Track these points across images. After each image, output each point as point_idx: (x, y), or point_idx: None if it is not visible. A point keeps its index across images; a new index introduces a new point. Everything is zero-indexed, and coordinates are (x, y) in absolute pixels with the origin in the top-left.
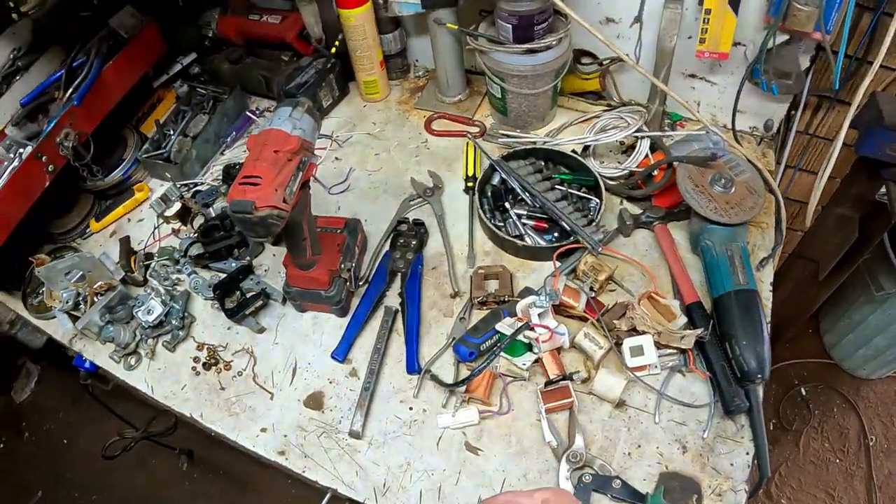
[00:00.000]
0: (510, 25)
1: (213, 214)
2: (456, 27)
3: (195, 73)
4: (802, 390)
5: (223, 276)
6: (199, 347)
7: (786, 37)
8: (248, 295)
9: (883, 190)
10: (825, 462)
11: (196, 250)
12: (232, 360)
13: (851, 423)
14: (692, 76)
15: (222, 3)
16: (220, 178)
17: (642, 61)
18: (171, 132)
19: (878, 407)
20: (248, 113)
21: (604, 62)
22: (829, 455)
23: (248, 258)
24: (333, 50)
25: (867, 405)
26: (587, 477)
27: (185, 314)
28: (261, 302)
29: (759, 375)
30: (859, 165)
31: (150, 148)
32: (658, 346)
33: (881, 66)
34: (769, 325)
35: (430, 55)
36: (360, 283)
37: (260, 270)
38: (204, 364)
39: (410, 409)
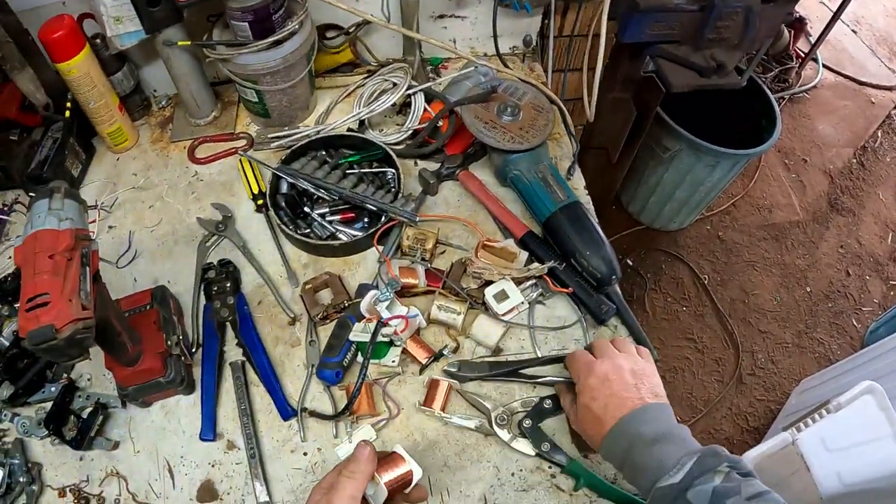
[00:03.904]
0: (246, 23)
1: (7, 343)
2: (189, 42)
3: None
4: (629, 261)
5: (48, 405)
6: (62, 494)
7: None
8: (85, 415)
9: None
10: (675, 314)
11: (6, 391)
12: (102, 491)
13: (683, 272)
14: (441, 17)
15: None
16: None
17: (390, 18)
18: None
19: (698, 249)
20: None
21: (350, 30)
22: (676, 306)
23: (65, 375)
24: (67, 113)
25: (689, 251)
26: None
27: (29, 465)
28: (101, 417)
29: (613, 276)
30: (619, 50)
31: None
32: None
33: None
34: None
35: (168, 80)
36: (194, 351)
37: (83, 382)
38: None
39: (305, 454)
